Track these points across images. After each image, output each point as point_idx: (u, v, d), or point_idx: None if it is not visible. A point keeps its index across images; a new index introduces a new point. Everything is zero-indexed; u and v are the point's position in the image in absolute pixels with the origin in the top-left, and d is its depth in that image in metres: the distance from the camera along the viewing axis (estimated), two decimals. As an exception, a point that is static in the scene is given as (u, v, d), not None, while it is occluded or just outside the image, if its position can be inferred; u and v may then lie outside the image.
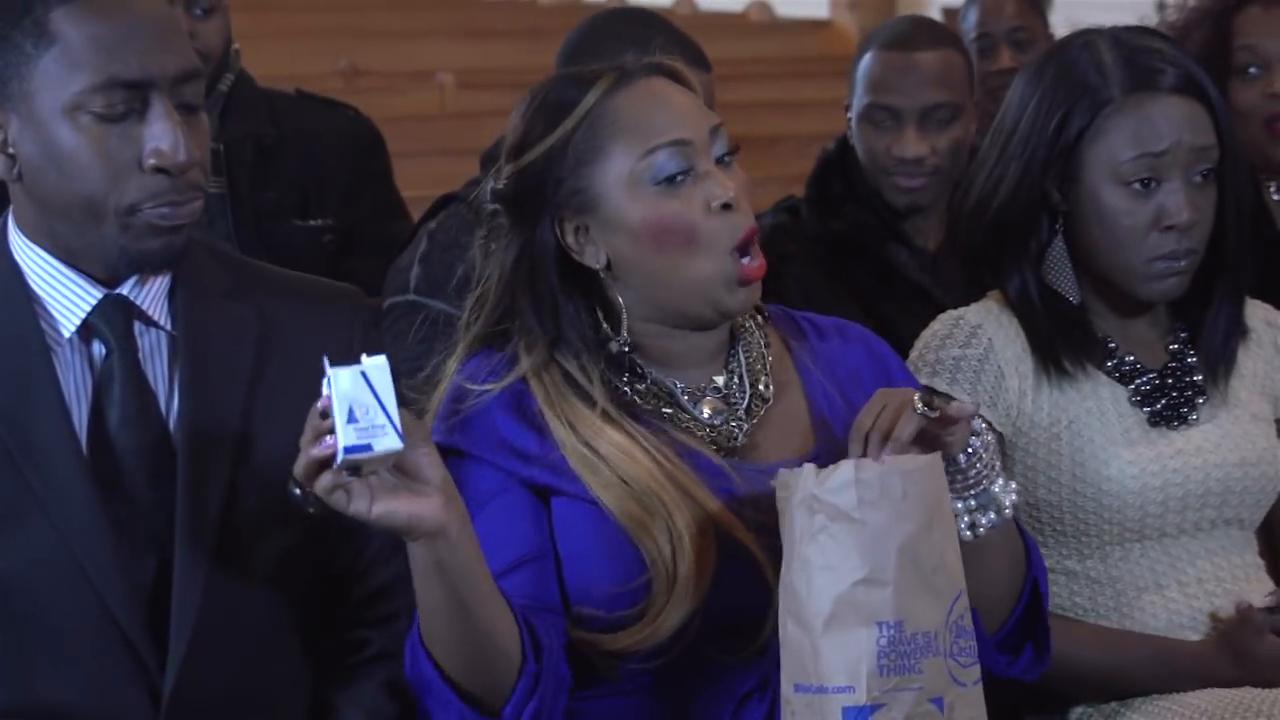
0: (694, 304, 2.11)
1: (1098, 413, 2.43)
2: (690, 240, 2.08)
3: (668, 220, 2.08)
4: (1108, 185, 2.38)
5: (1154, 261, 2.38)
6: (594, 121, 2.11)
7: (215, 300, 2.07)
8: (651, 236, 2.09)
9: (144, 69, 1.94)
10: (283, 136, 3.48)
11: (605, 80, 2.13)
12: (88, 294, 2.01)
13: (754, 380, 2.18)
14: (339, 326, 2.12)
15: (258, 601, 2.05)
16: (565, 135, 2.11)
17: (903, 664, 1.90)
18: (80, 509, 1.96)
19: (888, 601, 1.90)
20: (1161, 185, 2.37)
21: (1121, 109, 2.37)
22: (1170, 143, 2.36)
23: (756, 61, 8.23)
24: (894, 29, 3.31)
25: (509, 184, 2.15)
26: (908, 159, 3.17)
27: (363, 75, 7.26)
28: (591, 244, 2.12)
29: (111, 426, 2.00)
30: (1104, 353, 2.45)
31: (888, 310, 3.13)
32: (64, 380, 2.00)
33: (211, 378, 2.03)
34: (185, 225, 1.99)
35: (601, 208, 2.11)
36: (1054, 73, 2.42)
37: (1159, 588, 2.41)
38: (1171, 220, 2.36)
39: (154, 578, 1.99)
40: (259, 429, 2.05)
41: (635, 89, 2.12)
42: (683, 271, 2.09)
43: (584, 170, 2.11)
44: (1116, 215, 2.38)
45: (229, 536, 2.01)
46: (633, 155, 2.09)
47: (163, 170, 1.95)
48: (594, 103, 2.11)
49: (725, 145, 2.13)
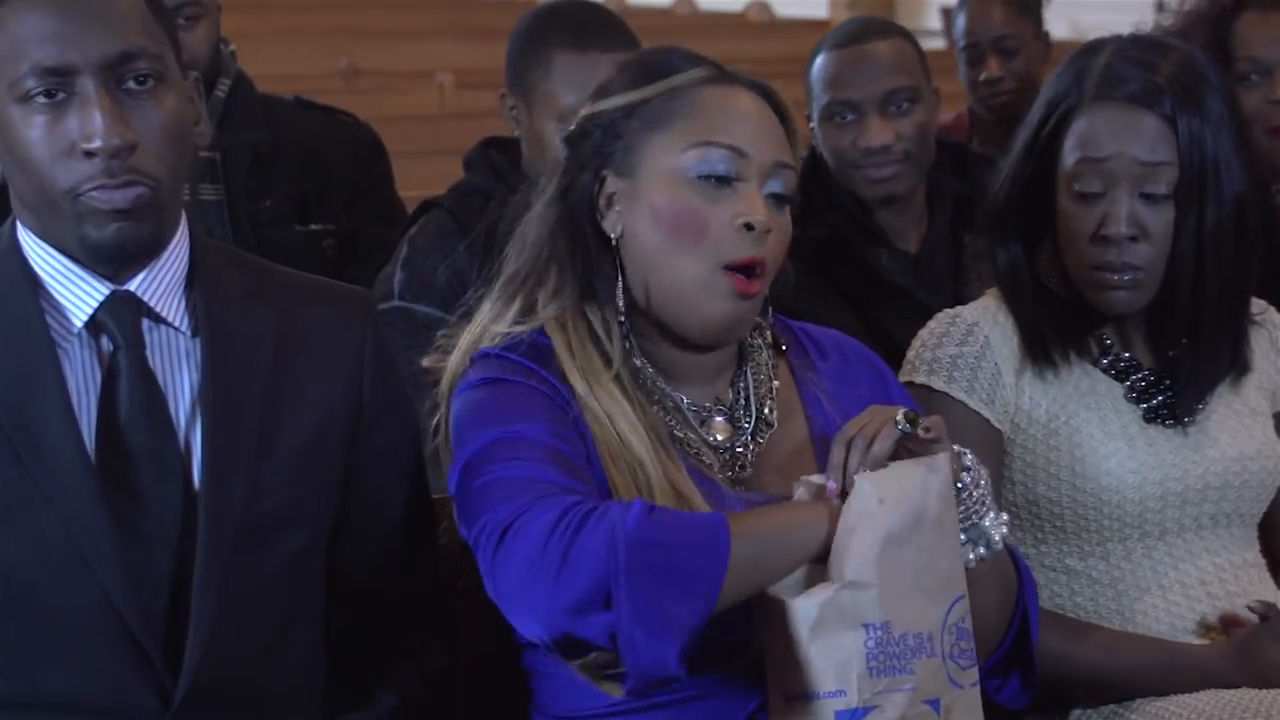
0: (680, 306, 2.11)
1: (1095, 408, 2.43)
2: (698, 237, 2.09)
3: (689, 211, 2.09)
4: (1063, 185, 2.39)
5: (1093, 270, 2.37)
6: (674, 97, 2.12)
7: (234, 300, 2.07)
8: (667, 219, 2.10)
9: (64, 55, 1.94)
10: (280, 144, 3.47)
11: (705, 69, 2.15)
12: (95, 290, 2.01)
13: (760, 403, 2.19)
14: (352, 328, 2.13)
15: (274, 599, 2.06)
16: (643, 99, 2.14)
17: (893, 665, 1.91)
18: (83, 502, 1.97)
19: (872, 603, 1.91)
20: (1107, 194, 2.36)
21: (1084, 112, 2.38)
22: (1112, 152, 2.36)
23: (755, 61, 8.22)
24: (840, 30, 3.32)
25: (579, 124, 2.17)
26: (875, 148, 3.16)
27: (362, 75, 7.26)
28: (615, 212, 2.14)
29: (119, 422, 2.00)
30: (1100, 348, 2.45)
31: (877, 314, 3.13)
32: (71, 375, 2.00)
33: (232, 377, 2.04)
34: (135, 212, 1.97)
35: (639, 176, 2.12)
36: (1064, 69, 2.43)
37: (1161, 588, 2.41)
38: (1106, 231, 2.36)
39: (160, 574, 1.99)
40: (278, 428, 2.05)
41: (727, 90, 2.14)
42: (677, 264, 2.09)
43: (643, 135, 2.12)
44: (1065, 218, 2.39)
45: (248, 536, 2.02)
46: (689, 141, 2.10)
47: (93, 154, 1.95)
48: (683, 82, 2.13)
49: (783, 187, 2.13)
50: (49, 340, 2.00)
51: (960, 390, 2.41)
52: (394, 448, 2.15)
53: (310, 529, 2.09)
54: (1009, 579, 2.18)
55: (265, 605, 2.05)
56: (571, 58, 2.97)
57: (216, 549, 2.00)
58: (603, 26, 3.06)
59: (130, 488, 1.99)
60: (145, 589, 1.99)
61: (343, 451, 2.10)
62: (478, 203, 3.04)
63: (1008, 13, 4.13)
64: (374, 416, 2.12)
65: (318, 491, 2.08)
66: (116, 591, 1.97)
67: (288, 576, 2.07)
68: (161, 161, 1.98)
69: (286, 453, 2.05)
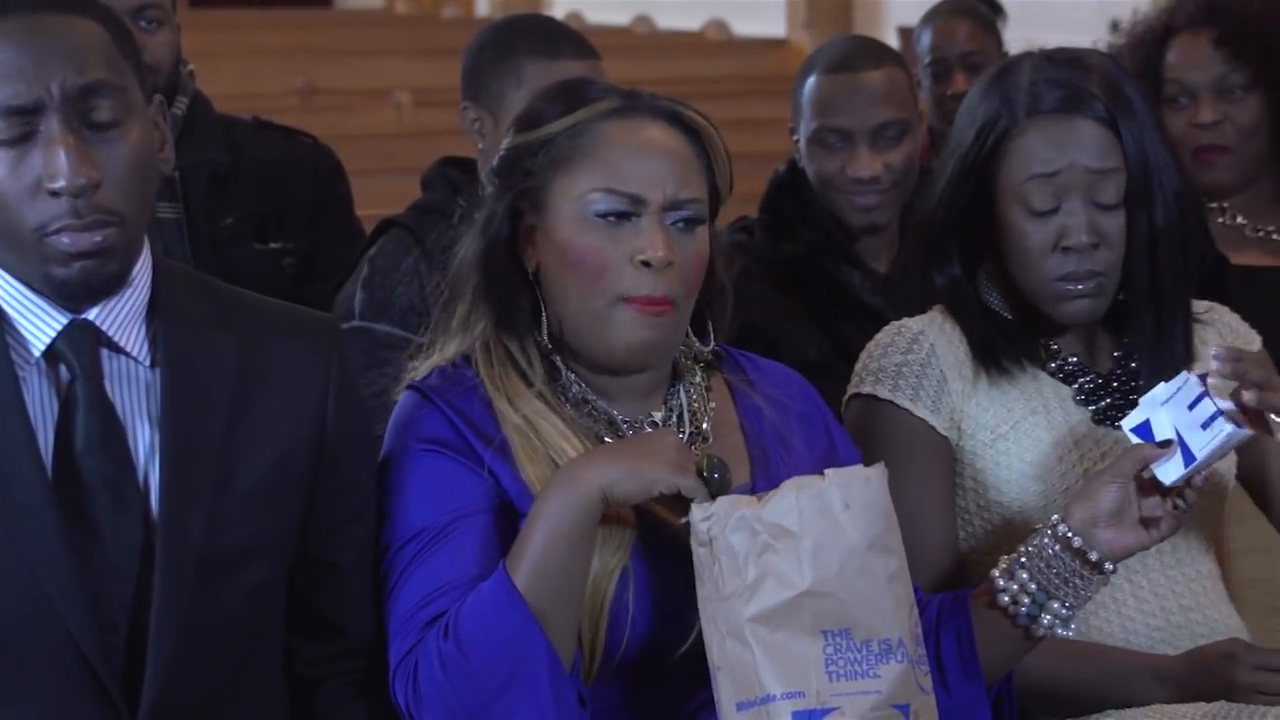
0: (588, 338, 2.13)
1: (1043, 411, 2.44)
2: (596, 276, 2.11)
3: (588, 252, 2.11)
4: (1010, 204, 2.40)
5: (1056, 283, 2.39)
6: (579, 134, 2.14)
7: (196, 329, 2.05)
8: (570, 259, 2.12)
9: (29, 93, 1.92)
10: (240, 164, 3.46)
11: (608, 103, 2.15)
12: (53, 319, 1.99)
13: (694, 420, 2.20)
14: (317, 358, 2.11)
15: (234, 632, 2.04)
16: (549, 135, 2.15)
17: (855, 670, 1.91)
18: (44, 535, 1.94)
19: (832, 611, 1.91)
20: (1061, 207, 2.38)
21: (1022, 132, 2.39)
22: (1062, 164, 2.37)
23: (713, 80, 8.25)
24: (835, 51, 3.31)
25: (502, 156, 2.20)
26: (863, 179, 3.18)
27: (319, 94, 7.26)
28: (533, 245, 2.16)
29: (76, 453, 1.98)
30: (1047, 353, 2.47)
31: (844, 331, 3.14)
32: (30, 404, 1.99)
33: (192, 408, 2.02)
34: (101, 253, 1.95)
35: (548, 214, 2.14)
36: (984, 93, 2.45)
37: (1116, 602, 2.42)
38: (1068, 242, 2.37)
39: (118, 607, 1.97)
40: (239, 460, 2.03)
41: (630, 125, 2.14)
42: (581, 300, 2.12)
43: (550, 174, 2.14)
44: (1020, 237, 2.39)
45: (208, 569, 2.00)
46: (590, 184, 2.12)
47: (58, 193, 1.93)
48: (587, 117, 2.14)
49: (691, 212, 2.13)
50: (10, 370, 1.98)
51: (905, 398, 2.42)
52: (357, 478, 2.13)
53: (271, 561, 2.07)
54: None
55: (225, 638, 2.03)
56: (543, 65, 2.98)
57: (175, 582, 1.98)
58: (568, 35, 3.09)
59: (87, 519, 1.97)
60: (104, 622, 1.97)
61: (305, 483, 2.09)
62: (436, 221, 3.04)
63: (973, 30, 4.19)
64: (337, 448, 2.10)
65: (279, 524, 2.07)
66: (75, 625, 1.95)
67: (248, 609, 2.05)
68: (127, 197, 1.97)
69: (247, 485, 2.03)
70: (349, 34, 9.23)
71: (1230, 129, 3.20)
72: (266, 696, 2.11)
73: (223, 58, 7.46)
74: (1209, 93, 3.20)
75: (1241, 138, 3.21)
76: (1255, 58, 3.19)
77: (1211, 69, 3.20)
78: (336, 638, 2.15)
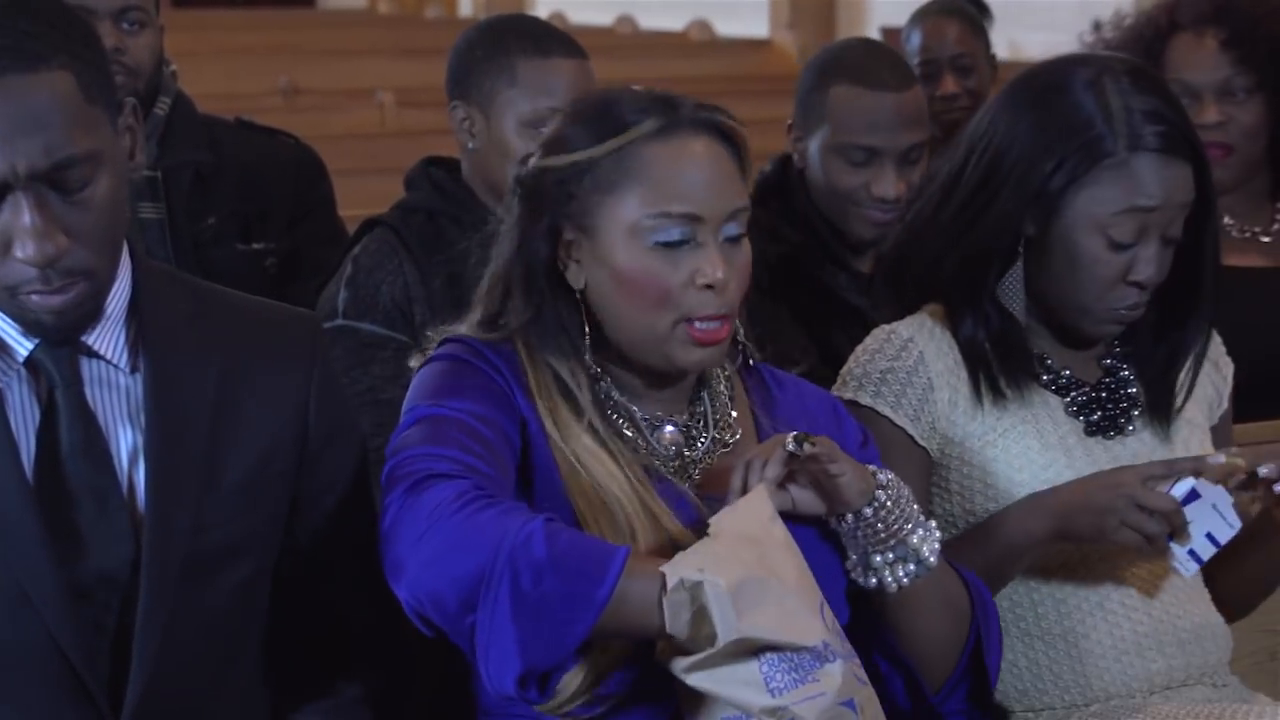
0: (647, 354, 2.13)
1: (1033, 421, 2.43)
2: (659, 303, 2.10)
3: (649, 279, 2.10)
4: (1089, 232, 2.37)
5: (1112, 310, 2.39)
6: (623, 159, 2.11)
7: (176, 329, 2.04)
8: (629, 285, 2.10)
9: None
10: (222, 164, 3.45)
11: (651, 122, 2.11)
12: None
13: (718, 426, 2.20)
14: (299, 354, 2.11)
15: (219, 630, 2.04)
16: (592, 159, 2.12)
17: (795, 678, 1.91)
18: (25, 541, 1.94)
19: (759, 645, 1.90)
20: (1139, 243, 2.36)
21: (1123, 164, 2.35)
22: (1160, 201, 2.35)
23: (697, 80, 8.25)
24: (862, 61, 3.25)
25: (532, 173, 2.16)
26: (888, 199, 3.16)
27: (302, 94, 7.25)
28: (576, 263, 2.14)
29: (59, 460, 1.98)
30: (1042, 368, 2.46)
31: (830, 333, 3.14)
32: (10, 412, 1.98)
33: (174, 410, 2.01)
34: (74, 308, 1.94)
35: (598, 238, 2.12)
36: (1055, 109, 2.38)
37: (1102, 608, 2.42)
38: (1139, 277, 2.36)
39: (103, 611, 1.97)
40: (223, 459, 2.03)
41: (674, 144, 2.11)
42: (641, 322, 2.11)
43: (596, 198, 2.11)
44: (1091, 263, 2.37)
45: (193, 570, 2.00)
46: (644, 209, 2.09)
47: None
48: (629, 141, 2.11)
49: (740, 227, 2.14)
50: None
51: (886, 405, 2.42)
52: (340, 474, 2.13)
53: (256, 559, 2.07)
54: (956, 600, 2.19)
55: (210, 637, 2.03)
56: (536, 63, 2.99)
57: (160, 582, 1.98)
58: (557, 34, 3.09)
59: (71, 525, 1.97)
60: (87, 626, 1.97)
61: (289, 479, 2.09)
62: (421, 220, 3.04)
63: (963, 32, 4.19)
64: (320, 443, 2.11)
65: (264, 521, 2.07)
66: (58, 629, 1.95)
67: (233, 607, 2.06)
68: (99, 252, 1.95)
69: (232, 484, 2.03)
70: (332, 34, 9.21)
71: (1233, 129, 3.19)
72: (249, 696, 2.11)
73: (205, 58, 7.45)
74: (1213, 93, 3.19)
75: (1243, 139, 3.20)
76: (1262, 61, 3.17)
77: (1218, 71, 3.19)
78: (324, 630, 2.14)
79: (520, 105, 2.98)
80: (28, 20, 1.89)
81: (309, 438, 2.09)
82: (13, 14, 1.89)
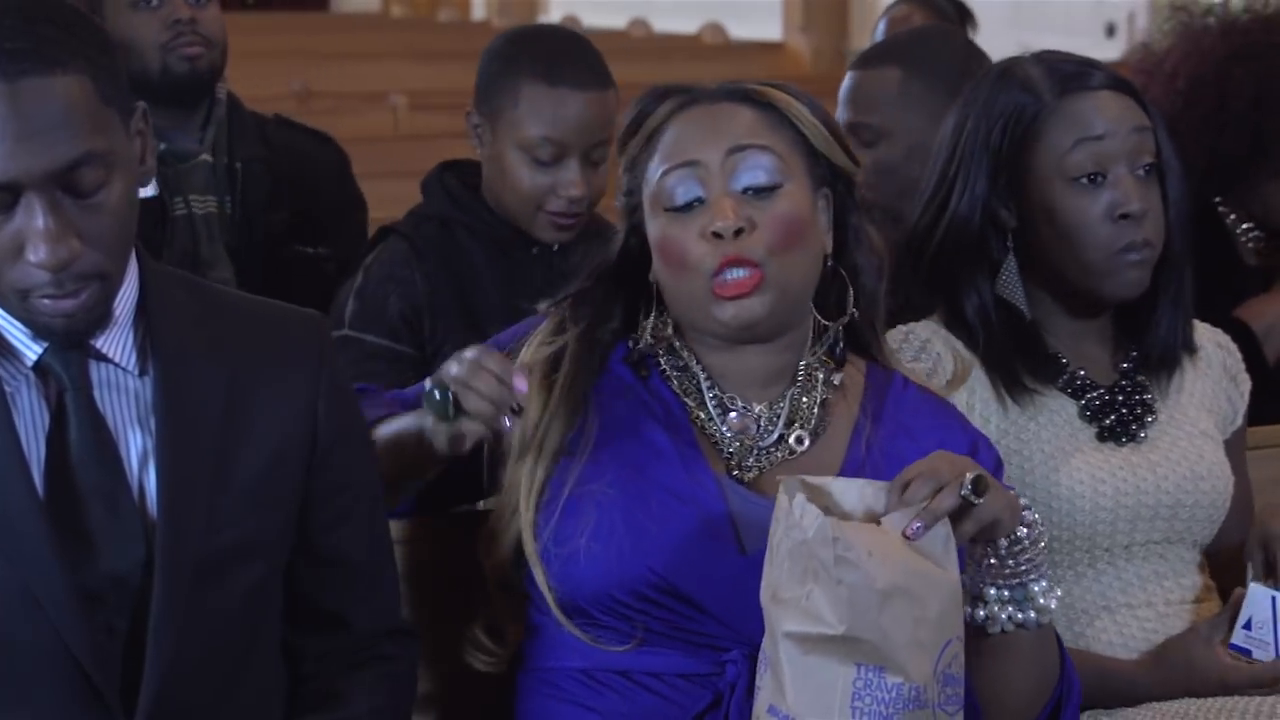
0: (694, 316, 2.17)
1: (1049, 425, 2.43)
2: (682, 263, 2.14)
3: (669, 242, 2.16)
4: (1056, 185, 2.39)
5: (1118, 254, 2.39)
6: (650, 142, 2.20)
7: (185, 331, 2.04)
8: (660, 256, 2.17)
9: (5, 172, 1.88)
10: (276, 161, 3.46)
11: (671, 102, 2.20)
12: None
13: (790, 424, 2.19)
14: (307, 353, 2.11)
15: (232, 632, 2.04)
16: (633, 153, 2.22)
17: (878, 710, 1.87)
18: (34, 544, 1.94)
19: (870, 652, 1.87)
20: (1108, 177, 2.38)
21: (1055, 110, 2.39)
22: (1108, 128, 2.38)
23: (710, 83, 8.25)
24: None
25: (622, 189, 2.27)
26: None
27: (315, 96, 7.25)
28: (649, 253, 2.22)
29: (69, 464, 1.98)
30: (1056, 368, 2.46)
31: None
32: (18, 416, 1.98)
33: (183, 412, 2.01)
34: (85, 311, 1.95)
35: (646, 220, 2.20)
36: (985, 95, 2.44)
37: (1110, 613, 2.42)
38: (1124, 209, 2.37)
39: (114, 614, 1.97)
40: (233, 460, 2.03)
41: (690, 113, 2.19)
42: (680, 286, 2.16)
43: (638, 186, 2.21)
44: (1069, 214, 2.39)
45: (205, 572, 2.00)
46: (657, 175, 2.17)
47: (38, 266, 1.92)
48: (655, 125, 2.20)
49: (763, 175, 2.14)
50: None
51: None
52: (351, 473, 2.13)
53: (267, 559, 2.07)
54: (1048, 660, 2.14)
55: (222, 639, 2.03)
56: (541, 91, 2.97)
57: (172, 587, 1.98)
58: (576, 61, 3.03)
59: (82, 529, 1.97)
60: (99, 629, 1.96)
61: (299, 480, 2.09)
62: (434, 228, 3.04)
63: (926, 20, 4.20)
64: (330, 443, 2.11)
65: (275, 521, 2.07)
66: (69, 633, 1.94)
67: (245, 609, 2.06)
68: (110, 254, 1.95)
69: (242, 485, 2.03)
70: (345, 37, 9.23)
71: None
72: (261, 697, 2.11)
73: (219, 60, 7.45)
74: None
75: None
76: None
77: None
78: (341, 632, 2.15)
79: (519, 129, 2.97)
80: (45, 24, 1.90)
81: (319, 438, 2.09)
82: (30, 18, 1.90)
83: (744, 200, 2.13)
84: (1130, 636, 2.42)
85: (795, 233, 2.14)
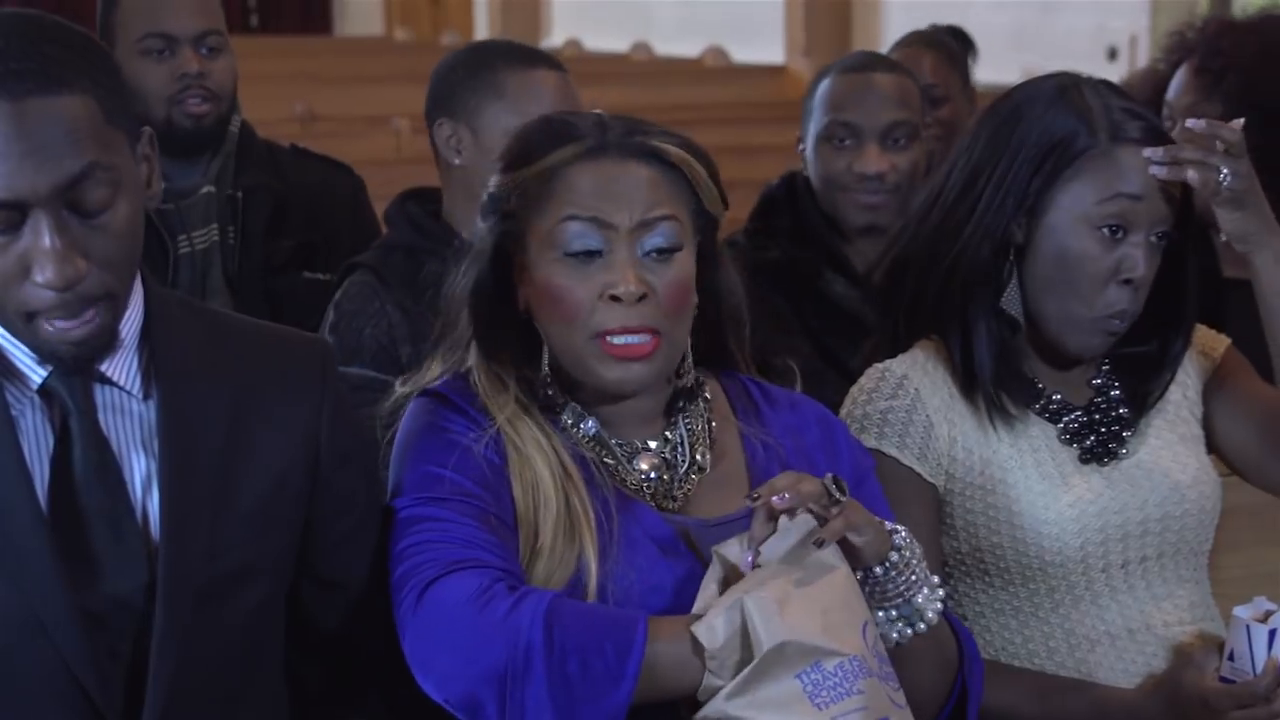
0: (573, 366, 2.16)
1: (1030, 452, 2.43)
2: (572, 316, 2.13)
3: (561, 290, 2.13)
4: (1078, 227, 2.37)
5: (1105, 318, 2.38)
6: (548, 179, 2.15)
7: (189, 354, 2.05)
8: (547, 298, 2.14)
9: (14, 190, 1.89)
10: (288, 190, 3.46)
11: (575, 147, 2.16)
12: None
13: (693, 449, 2.21)
14: (310, 378, 2.12)
15: (234, 655, 2.05)
16: (524, 179, 2.17)
17: (839, 691, 1.92)
18: (38, 567, 1.94)
19: (796, 655, 1.92)
20: (1127, 237, 2.37)
21: (1105, 154, 2.37)
22: (1145, 189, 2.36)
23: (712, 106, 8.26)
24: (850, 58, 3.44)
25: (486, 196, 2.21)
26: (869, 175, 3.22)
27: (319, 120, 7.28)
28: (524, 284, 2.18)
29: (73, 487, 1.98)
30: (1033, 392, 2.46)
31: (830, 342, 3.15)
32: (24, 439, 1.99)
33: (187, 436, 2.02)
34: (91, 333, 1.95)
35: (529, 255, 2.17)
36: (1029, 117, 2.41)
37: (1110, 637, 2.41)
38: (1130, 274, 2.36)
39: (117, 637, 1.98)
40: (236, 483, 2.04)
41: (598, 164, 2.15)
42: (563, 336, 2.15)
43: (525, 215, 2.16)
44: (1079, 259, 2.37)
45: (208, 595, 2.00)
46: (558, 219, 2.14)
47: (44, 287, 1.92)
48: (554, 164, 2.15)
49: (665, 239, 2.14)
50: (3, 406, 1.98)
51: (892, 446, 2.41)
52: (353, 498, 2.14)
53: (270, 583, 2.08)
54: (947, 653, 2.19)
55: (225, 662, 2.04)
56: (522, 74, 3.01)
57: (175, 609, 1.98)
58: (538, 49, 3.16)
59: (86, 552, 1.97)
60: (102, 652, 1.97)
61: (302, 503, 2.09)
62: (400, 258, 3.04)
63: (936, 64, 4.25)
64: (333, 467, 2.11)
65: (278, 544, 2.08)
66: (72, 655, 1.95)
67: (248, 631, 2.06)
68: (117, 274, 1.96)
69: (245, 508, 2.04)
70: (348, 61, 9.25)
71: None
72: (267, 715, 2.11)
73: (222, 84, 7.46)
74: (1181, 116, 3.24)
75: None
76: None
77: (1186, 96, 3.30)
78: (344, 654, 2.15)
79: (508, 118, 2.98)
80: (51, 45, 1.91)
81: (321, 461, 2.10)
82: (37, 38, 1.91)
83: (643, 264, 2.13)
84: (1131, 662, 2.41)
85: (686, 293, 2.16)
